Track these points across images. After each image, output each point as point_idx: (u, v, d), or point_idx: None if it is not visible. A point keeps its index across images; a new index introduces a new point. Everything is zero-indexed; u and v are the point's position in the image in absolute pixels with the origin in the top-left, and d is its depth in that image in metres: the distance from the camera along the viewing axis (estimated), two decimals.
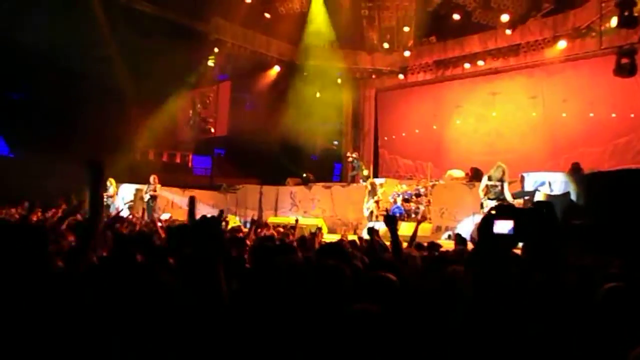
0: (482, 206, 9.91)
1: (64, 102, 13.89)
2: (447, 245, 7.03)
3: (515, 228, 1.12)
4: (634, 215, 6.23)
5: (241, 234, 5.97)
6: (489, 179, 9.78)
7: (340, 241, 5.22)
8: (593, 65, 13.68)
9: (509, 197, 9.53)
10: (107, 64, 13.74)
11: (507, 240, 1.12)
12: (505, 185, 9.64)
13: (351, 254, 3.43)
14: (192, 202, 3.44)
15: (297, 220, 9.10)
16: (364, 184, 13.88)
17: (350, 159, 15.47)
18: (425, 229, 10.53)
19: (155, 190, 13.19)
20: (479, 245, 1.15)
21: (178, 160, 19.01)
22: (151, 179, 13.33)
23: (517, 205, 8.90)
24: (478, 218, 10.01)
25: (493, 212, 1.16)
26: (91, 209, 2.77)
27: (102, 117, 14.22)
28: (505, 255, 1.10)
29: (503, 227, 1.13)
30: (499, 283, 1.07)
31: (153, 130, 16.02)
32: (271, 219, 12.51)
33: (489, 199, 9.82)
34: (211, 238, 1.90)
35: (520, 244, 1.21)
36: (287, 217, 13.32)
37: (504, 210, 1.15)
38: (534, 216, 1.13)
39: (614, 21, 11.17)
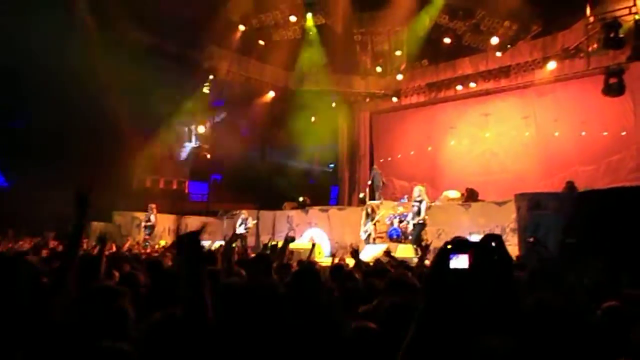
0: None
1: (61, 131, 13.96)
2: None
3: (470, 263, 1.14)
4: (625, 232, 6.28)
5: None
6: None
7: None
8: (583, 85, 13.88)
9: (422, 215, 10.62)
10: (103, 93, 13.85)
11: (463, 276, 1.14)
12: (423, 205, 10.58)
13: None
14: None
15: (313, 245, 9.53)
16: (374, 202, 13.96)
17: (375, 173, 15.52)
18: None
19: (149, 220, 13.29)
20: (432, 279, 1.18)
21: (175, 187, 19.00)
22: (149, 208, 13.43)
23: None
24: (475, 238, 10.19)
25: (449, 246, 1.18)
26: (70, 241, 2.63)
27: (98, 146, 14.29)
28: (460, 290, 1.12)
29: (459, 262, 1.15)
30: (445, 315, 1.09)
31: (149, 157, 16.08)
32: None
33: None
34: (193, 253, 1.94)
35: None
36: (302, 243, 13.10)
37: (459, 244, 1.17)
38: (485, 250, 1.15)
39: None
